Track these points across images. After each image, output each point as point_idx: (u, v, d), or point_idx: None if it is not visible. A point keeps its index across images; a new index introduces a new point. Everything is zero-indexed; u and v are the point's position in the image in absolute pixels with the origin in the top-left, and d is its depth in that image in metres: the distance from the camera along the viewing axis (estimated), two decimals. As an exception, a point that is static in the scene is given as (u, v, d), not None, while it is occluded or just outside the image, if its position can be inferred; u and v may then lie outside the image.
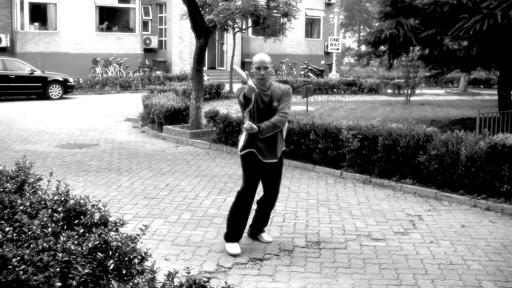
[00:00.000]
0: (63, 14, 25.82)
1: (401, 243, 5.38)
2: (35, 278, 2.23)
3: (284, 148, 5.24)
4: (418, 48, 13.70)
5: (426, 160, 7.21)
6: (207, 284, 2.38)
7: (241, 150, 5.05)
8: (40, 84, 19.72)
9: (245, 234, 5.47)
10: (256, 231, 5.37)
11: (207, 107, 12.77)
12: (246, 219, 5.13)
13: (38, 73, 19.84)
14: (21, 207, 2.88)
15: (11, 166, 3.82)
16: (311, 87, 14.65)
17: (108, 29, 27.89)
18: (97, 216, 2.88)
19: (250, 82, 4.61)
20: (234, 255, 4.93)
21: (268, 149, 5.02)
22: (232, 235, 5.07)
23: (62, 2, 25.71)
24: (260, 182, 5.19)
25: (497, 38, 10.63)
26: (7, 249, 2.36)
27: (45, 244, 2.44)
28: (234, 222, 5.07)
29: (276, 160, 5.10)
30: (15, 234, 2.60)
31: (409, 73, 19.36)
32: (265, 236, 5.38)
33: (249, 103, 4.81)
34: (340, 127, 8.30)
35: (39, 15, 25.97)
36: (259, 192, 5.21)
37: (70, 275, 2.30)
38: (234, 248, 5.01)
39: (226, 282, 2.39)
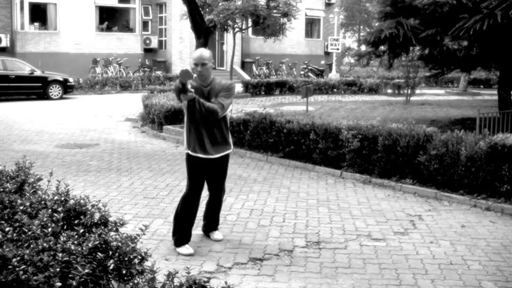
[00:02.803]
0: (63, 14, 25.82)
1: (401, 243, 5.37)
2: (35, 278, 2.23)
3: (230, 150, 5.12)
4: (418, 48, 13.71)
5: (426, 160, 7.21)
6: (207, 284, 2.38)
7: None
8: (40, 84, 19.72)
9: (243, 236, 5.47)
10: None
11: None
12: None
13: (38, 73, 19.84)
14: (21, 207, 2.88)
15: (11, 166, 3.82)
16: (311, 87, 14.63)
17: (108, 29, 27.89)
18: (97, 216, 2.88)
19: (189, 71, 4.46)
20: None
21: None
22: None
23: (62, 2, 25.71)
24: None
25: (497, 38, 10.63)
26: (7, 249, 2.36)
27: (45, 244, 2.44)
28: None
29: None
30: (15, 234, 2.60)
31: (409, 73, 19.37)
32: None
33: (185, 91, 4.51)
34: (340, 127, 8.30)
35: (39, 15, 25.98)
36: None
37: (70, 275, 2.30)
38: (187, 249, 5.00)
39: (226, 282, 2.38)
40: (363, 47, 24.71)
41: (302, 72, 28.68)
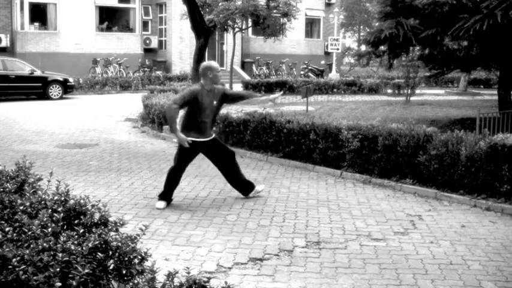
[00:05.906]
0: (63, 14, 25.82)
1: (401, 243, 5.37)
2: (35, 278, 2.23)
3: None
4: (418, 48, 13.72)
5: (426, 160, 7.21)
6: (207, 284, 2.38)
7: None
8: (40, 84, 19.72)
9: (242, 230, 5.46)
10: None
11: (207, 107, 12.72)
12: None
13: (38, 73, 19.84)
14: (21, 207, 2.88)
15: (11, 166, 3.82)
16: (311, 87, 14.64)
17: (108, 29, 27.89)
18: (97, 216, 2.88)
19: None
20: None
21: None
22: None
23: (62, 2, 25.71)
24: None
25: (497, 38, 10.63)
26: (7, 249, 2.36)
27: (45, 244, 2.44)
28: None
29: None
30: (15, 234, 2.60)
31: (409, 73, 19.38)
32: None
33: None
34: (340, 127, 8.30)
35: (39, 15, 25.98)
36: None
37: (70, 275, 2.30)
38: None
39: (226, 282, 2.39)
40: (363, 47, 24.71)
41: (302, 72, 28.67)
